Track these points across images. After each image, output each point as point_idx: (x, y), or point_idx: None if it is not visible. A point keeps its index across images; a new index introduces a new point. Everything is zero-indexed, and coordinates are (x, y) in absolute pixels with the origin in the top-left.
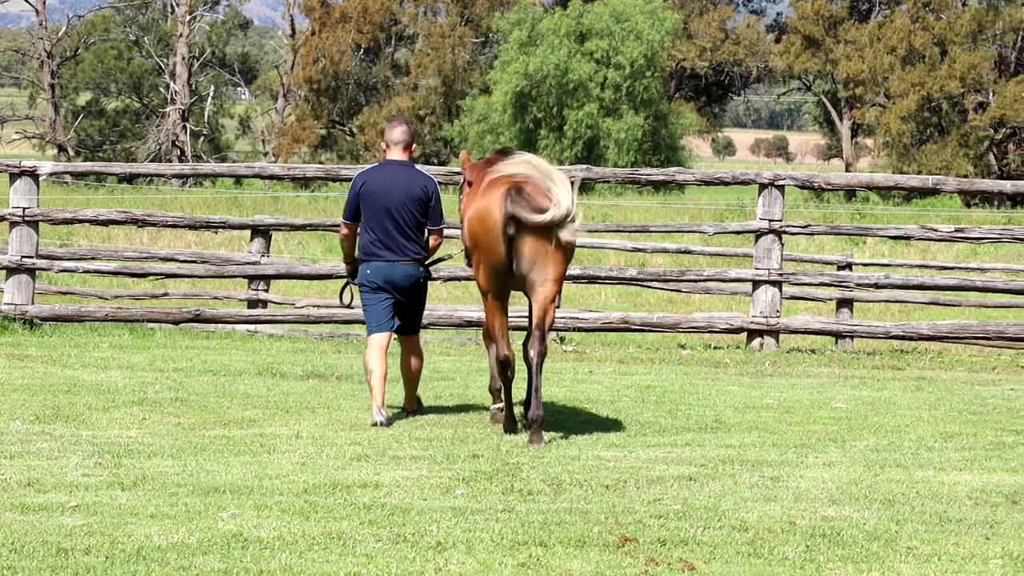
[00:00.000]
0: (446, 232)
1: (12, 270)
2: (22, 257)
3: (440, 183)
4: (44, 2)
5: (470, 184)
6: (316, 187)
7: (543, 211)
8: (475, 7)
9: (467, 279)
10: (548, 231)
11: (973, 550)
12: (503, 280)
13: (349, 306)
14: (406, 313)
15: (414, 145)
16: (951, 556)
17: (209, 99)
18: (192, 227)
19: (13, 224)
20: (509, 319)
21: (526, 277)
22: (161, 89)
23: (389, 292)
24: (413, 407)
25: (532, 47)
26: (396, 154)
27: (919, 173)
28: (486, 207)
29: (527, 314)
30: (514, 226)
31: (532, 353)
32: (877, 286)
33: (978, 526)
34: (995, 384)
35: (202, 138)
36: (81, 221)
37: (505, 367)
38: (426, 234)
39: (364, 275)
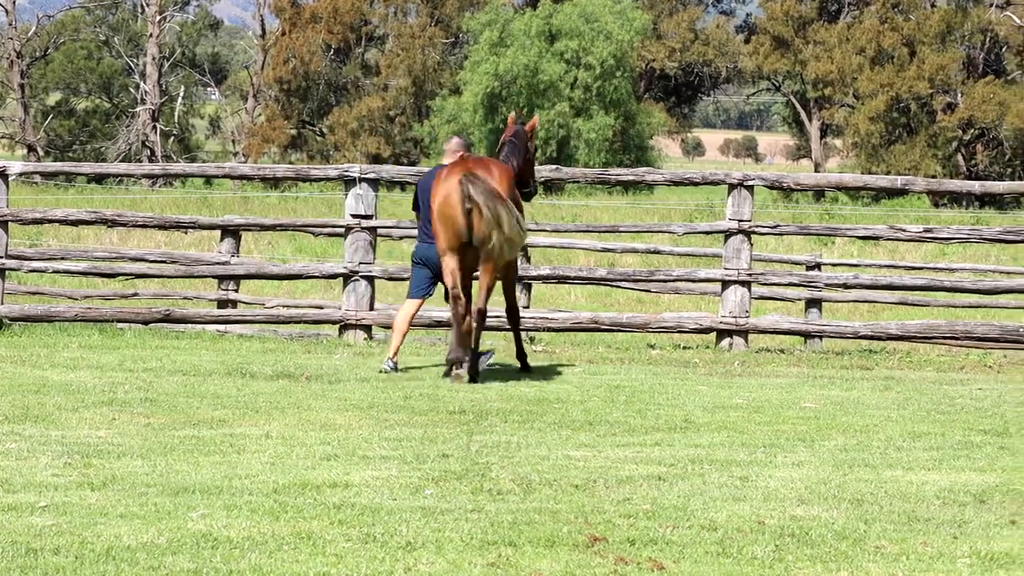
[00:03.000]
0: None
1: None
2: None
3: (409, 183)
4: (14, 2)
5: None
6: (286, 187)
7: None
8: (445, 7)
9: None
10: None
11: (941, 549)
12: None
13: None
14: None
15: (464, 153)
16: (919, 555)
17: (179, 99)
18: (162, 227)
19: None
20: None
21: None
22: (131, 89)
23: (427, 267)
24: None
25: (502, 47)
26: (446, 159)
27: (888, 173)
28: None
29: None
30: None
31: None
32: (846, 286)
33: (946, 525)
34: (963, 384)
35: (172, 138)
36: (51, 221)
37: (456, 300)
38: None
39: (412, 253)
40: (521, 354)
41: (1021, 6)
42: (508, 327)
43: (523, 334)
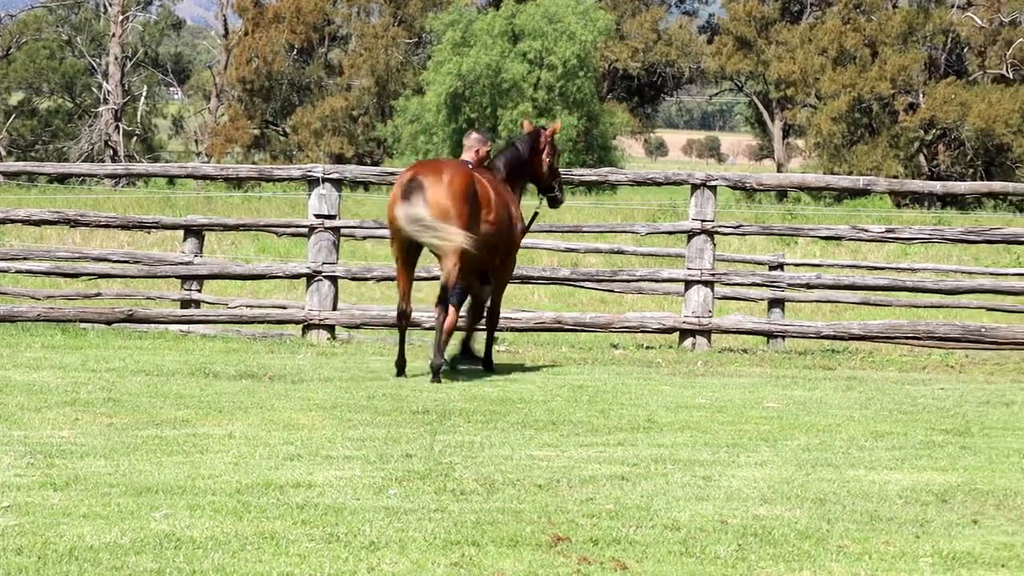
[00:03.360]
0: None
1: None
2: None
3: (373, 183)
4: None
5: None
6: (249, 187)
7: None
8: (408, 8)
9: None
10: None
11: (903, 548)
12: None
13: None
14: None
15: (483, 149)
16: (881, 555)
17: (142, 99)
18: (125, 227)
19: None
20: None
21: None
22: (94, 89)
23: None
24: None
25: (465, 48)
26: (466, 155)
27: (850, 174)
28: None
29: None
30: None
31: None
32: (808, 286)
33: (908, 525)
34: (925, 384)
35: (135, 138)
36: (13, 221)
37: (400, 317)
38: None
39: None
40: (487, 358)
41: (982, 7)
42: (481, 327)
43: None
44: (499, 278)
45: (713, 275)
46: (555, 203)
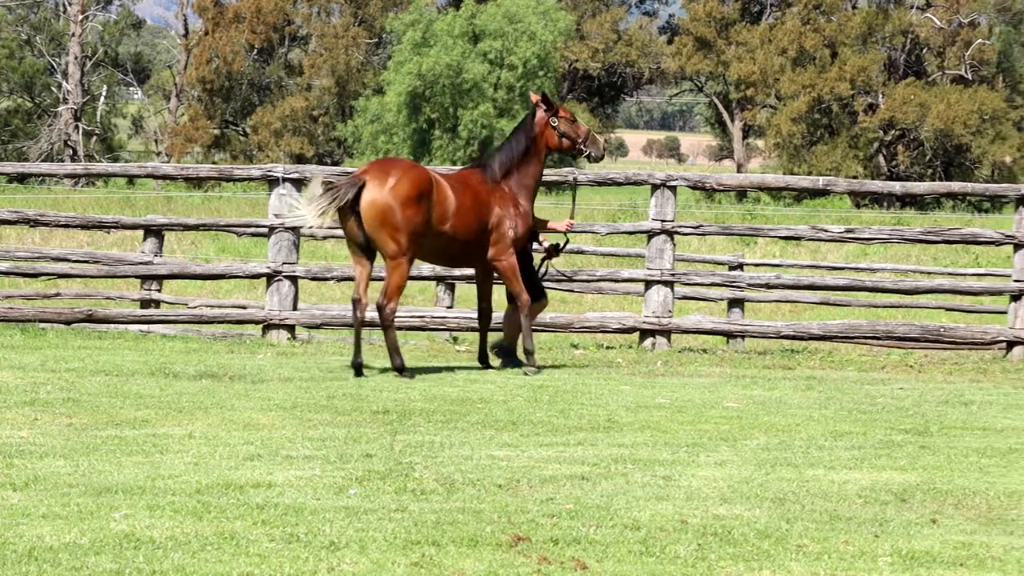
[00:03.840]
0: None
1: None
2: None
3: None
4: None
5: None
6: (209, 187)
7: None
8: (368, 8)
9: None
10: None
11: (863, 548)
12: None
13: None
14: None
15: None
16: (841, 554)
17: (102, 99)
18: (84, 227)
19: None
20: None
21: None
22: (53, 88)
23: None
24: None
25: (426, 48)
26: None
27: (810, 174)
28: None
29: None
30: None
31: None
32: (768, 286)
33: (867, 524)
34: (884, 383)
35: (94, 138)
36: None
37: (354, 305)
38: None
39: None
40: (527, 339)
41: (941, 8)
42: (477, 327)
43: (447, 334)
44: (502, 275)
45: (673, 275)
46: (592, 160)
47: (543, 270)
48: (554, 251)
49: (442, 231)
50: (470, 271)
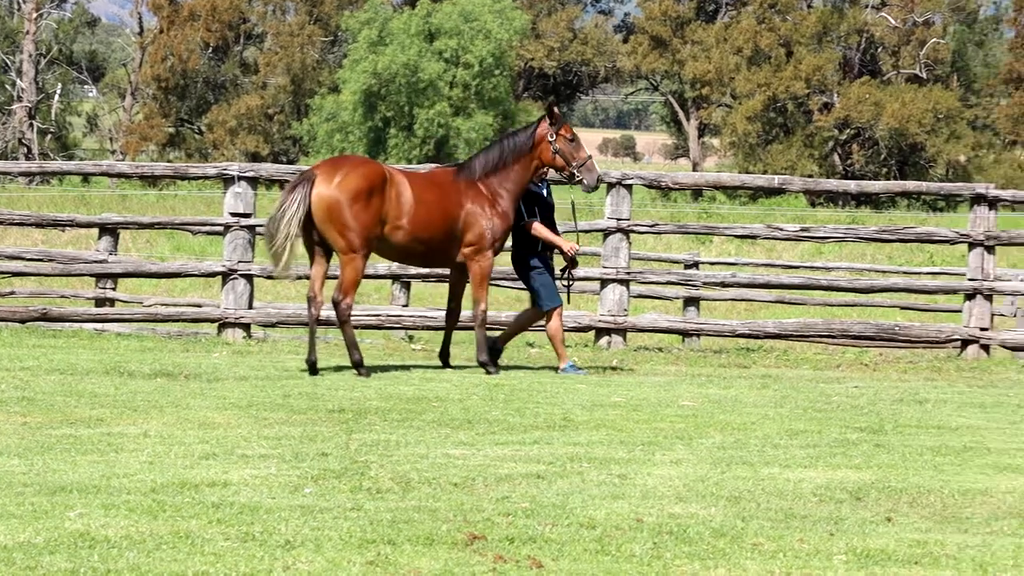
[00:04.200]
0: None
1: None
2: None
3: (288, 182)
4: None
5: None
6: (164, 185)
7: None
8: (324, 6)
9: None
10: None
11: (817, 546)
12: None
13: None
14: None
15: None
16: (796, 552)
17: (56, 97)
18: (39, 225)
19: None
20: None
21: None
22: (7, 87)
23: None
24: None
25: (381, 46)
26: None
27: (765, 173)
28: None
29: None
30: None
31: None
32: (724, 285)
33: (822, 522)
34: (839, 382)
35: (49, 136)
36: None
37: (309, 303)
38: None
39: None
40: (480, 352)
41: (896, 7)
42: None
43: (403, 332)
44: (471, 276)
45: (629, 274)
46: (584, 188)
47: (565, 280)
48: (572, 262)
49: (399, 226)
50: (427, 270)
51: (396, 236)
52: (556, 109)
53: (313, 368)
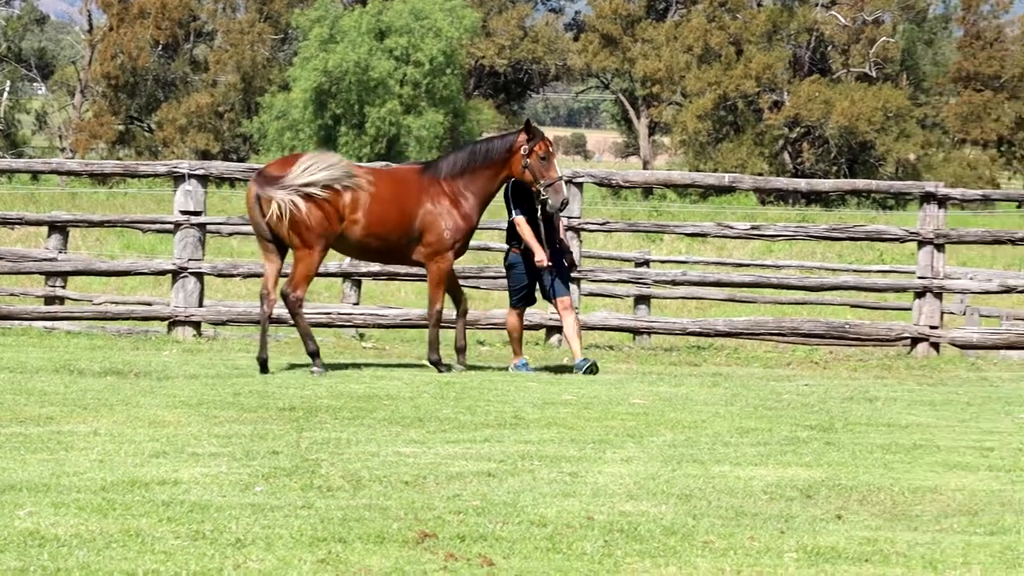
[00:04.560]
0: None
1: None
2: None
3: (239, 179)
4: None
5: None
6: (114, 183)
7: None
8: (274, 3)
9: None
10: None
11: (768, 544)
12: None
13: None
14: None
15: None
16: (747, 550)
17: (5, 94)
18: None
19: None
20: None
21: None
22: None
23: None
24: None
25: (332, 44)
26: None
27: (715, 171)
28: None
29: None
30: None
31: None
32: (674, 283)
33: (773, 520)
34: (790, 380)
35: None
36: None
37: (262, 300)
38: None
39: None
40: (431, 351)
41: (846, 6)
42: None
43: (353, 330)
44: (428, 276)
45: (579, 272)
46: (547, 207)
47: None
48: (571, 264)
49: (355, 220)
50: (379, 267)
51: (352, 232)
52: (534, 124)
53: (264, 366)
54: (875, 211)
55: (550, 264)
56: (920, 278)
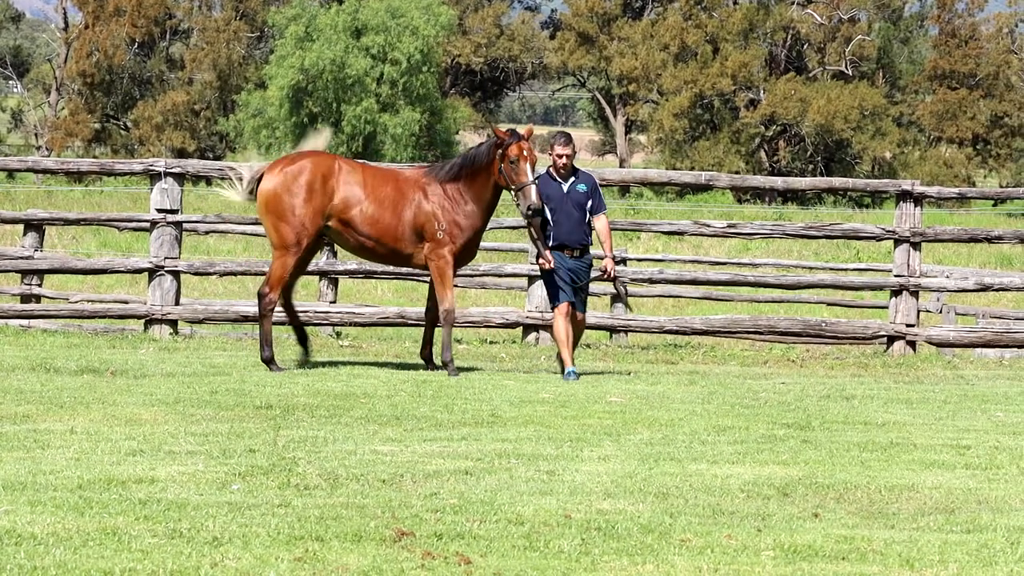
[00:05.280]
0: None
1: None
2: None
3: (215, 178)
4: None
5: None
6: (90, 181)
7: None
8: (250, 2)
9: (242, 274)
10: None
11: (745, 542)
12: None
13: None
14: None
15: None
16: (724, 548)
17: None
18: None
19: None
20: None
21: None
22: None
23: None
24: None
25: (308, 42)
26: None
27: (692, 169)
28: None
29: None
30: None
31: None
32: (651, 281)
33: (750, 518)
34: (766, 378)
35: None
36: None
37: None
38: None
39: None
40: (445, 351)
41: (822, 4)
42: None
43: (330, 329)
44: (431, 275)
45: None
46: (519, 209)
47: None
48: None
49: (347, 219)
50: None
51: (348, 230)
52: (499, 129)
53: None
54: (851, 209)
55: (551, 267)
56: (896, 276)
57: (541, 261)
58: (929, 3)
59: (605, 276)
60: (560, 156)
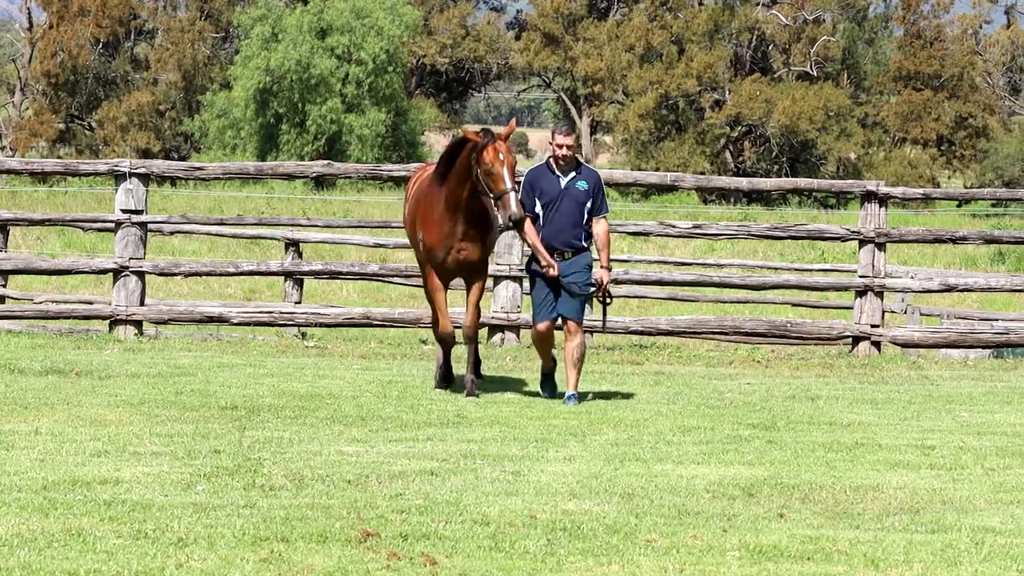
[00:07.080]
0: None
1: None
2: None
3: (180, 178)
4: None
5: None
6: (54, 182)
7: None
8: (215, 2)
9: (207, 275)
10: None
11: (711, 542)
12: None
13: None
14: None
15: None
16: (689, 548)
17: None
18: None
19: None
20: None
21: None
22: None
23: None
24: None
25: (274, 43)
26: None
27: (657, 170)
28: None
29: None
30: None
31: None
32: (616, 281)
33: (715, 519)
34: (732, 378)
35: None
36: None
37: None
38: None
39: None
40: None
41: (787, 5)
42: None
43: (295, 330)
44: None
45: (522, 270)
46: (499, 222)
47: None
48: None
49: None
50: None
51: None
52: (468, 131)
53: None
54: (817, 210)
55: (554, 273)
56: (861, 277)
57: (545, 267)
58: (894, 4)
59: (597, 289)
60: (560, 147)
